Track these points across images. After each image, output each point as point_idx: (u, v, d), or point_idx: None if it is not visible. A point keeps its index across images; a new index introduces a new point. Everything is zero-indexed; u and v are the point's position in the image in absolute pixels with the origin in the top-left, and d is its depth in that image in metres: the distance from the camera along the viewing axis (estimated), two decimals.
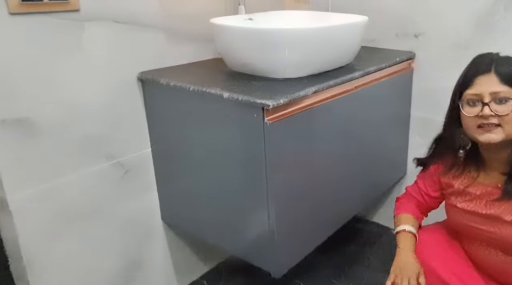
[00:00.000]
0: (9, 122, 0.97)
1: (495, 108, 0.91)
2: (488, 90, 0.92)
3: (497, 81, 0.92)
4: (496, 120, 0.91)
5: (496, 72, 0.92)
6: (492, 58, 0.96)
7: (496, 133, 0.92)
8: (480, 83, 0.93)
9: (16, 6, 0.94)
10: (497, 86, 0.91)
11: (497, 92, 0.91)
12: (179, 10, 1.27)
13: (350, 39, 1.24)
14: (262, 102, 0.95)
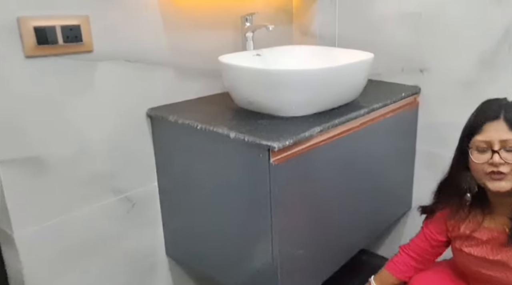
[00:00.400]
0: (19, 161, 1.00)
1: (505, 156, 0.91)
2: (497, 137, 0.92)
3: (506, 129, 0.92)
4: (506, 169, 0.92)
5: (505, 119, 0.93)
6: (501, 104, 0.97)
7: (506, 181, 0.93)
8: (489, 130, 0.94)
9: (32, 49, 0.98)
10: (506, 133, 0.92)
11: (507, 140, 0.91)
12: (188, 47, 1.31)
13: (356, 78, 1.26)
14: (267, 143, 0.97)
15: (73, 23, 1.03)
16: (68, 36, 1.02)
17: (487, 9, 1.31)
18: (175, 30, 1.26)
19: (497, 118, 0.94)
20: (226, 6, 1.39)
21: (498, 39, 1.32)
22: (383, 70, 1.59)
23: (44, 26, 0.98)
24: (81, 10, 1.05)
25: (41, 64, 1.00)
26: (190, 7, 1.30)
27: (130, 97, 1.18)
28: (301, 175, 1.09)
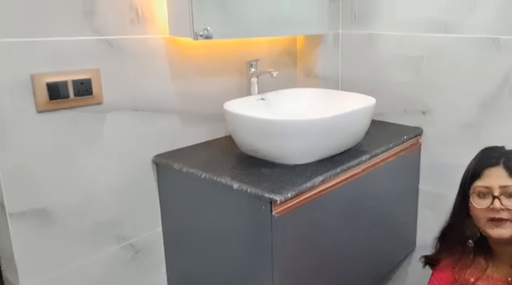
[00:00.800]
0: (27, 213, 1.03)
1: (505, 203, 0.93)
2: (497, 183, 0.94)
3: (506, 175, 0.94)
4: (506, 215, 0.93)
5: (505, 165, 0.95)
6: (501, 151, 0.99)
7: (506, 228, 0.94)
8: (490, 176, 0.96)
9: (44, 104, 1.02)
10: (506, 180, 0.94)
11: (507, 186, 0.93)
12: (194, 93, 1.35)
13: (358, 124, 1.28)
14: (270, 196, 0.99)
15: (84, 77, 1.08)
16: (79, 90, 1.07)
17: (487, 55, 1.34)
18: (182, 78, 1.31)
19: (497, 164, 0.96)
20: (232, 52, 1.44)
21: (498, 84, 1.34)
22: (386, 110, 1.61)
23: (57, 82, 1.02)
24: (92, 64, 1.10)
25: (52, 118, 1.04)
26: (196, 54, 1.34)
27: (136, 145, 1.22)
28: (304, 225, 1.10)
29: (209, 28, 1.18)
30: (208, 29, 1.18)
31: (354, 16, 1.63)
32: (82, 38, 1.07)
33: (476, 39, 1.35)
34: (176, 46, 1.27)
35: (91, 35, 1.08)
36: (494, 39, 1.32)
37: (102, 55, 1.11)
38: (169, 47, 1.26)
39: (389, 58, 1.56)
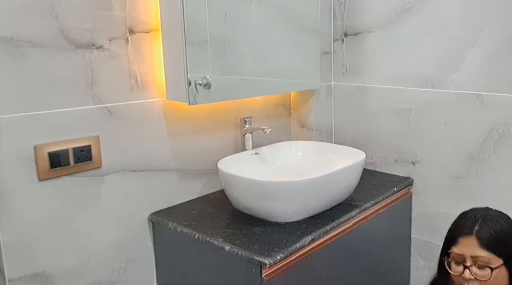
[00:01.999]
0: (26, 278, 1.07)
1: (475, 272, 0.96)
2: (469, 253, 0.97)
3: (477, 246, 0.97)
4: (476, 284, 0.96)
5: (477, 236, 0.98)
6: (476, 218, 1.01)
7: None
8: (463, 244, 0.99)
9: (46, 173, 1.08)
10: (477, 250, 0.97)
11: (477, 256, 0.96)
12: (190, 151, 1.40)
13: (349, 179, 1.33)
14: (259, 259, 1.03)
15: (84, 144, 1.14)
16: (79, 157, 1.13)
17: (471, 110, 1.40)
18: (178, 137, 1.37)
19: (470, 234, 0.99)
20: (227, 109, 1.50)
21: (484, 138, 1.39)
22: (377, 159, 1.66)
23: (58, 151, 1.09)
24: (92, 132, 1.16)
25: (53, 185, 1.09)
26: (192, 113, 1.40)
27: (133, 205, 1.27)
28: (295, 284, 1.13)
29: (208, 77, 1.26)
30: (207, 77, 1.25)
31: (345, 69, 1.70)
32: (84, 108, 1.13)
33: (461, 94, 1.41)
34: (173, 107, 1.33)
35: (92, 104, 1.15)
36: (478, 95, 1.38)
37: (102, 122, 1.18)
38: (166, 109, 1.32)
39: (379, 110, 1.62)
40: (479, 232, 0.98)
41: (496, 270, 0.96)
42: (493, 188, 1.38)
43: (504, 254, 0.97)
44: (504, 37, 1.31)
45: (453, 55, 1.41)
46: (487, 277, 0.95)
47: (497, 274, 0.96)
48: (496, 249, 0.96)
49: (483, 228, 0.99)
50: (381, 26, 1.56)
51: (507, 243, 0.98)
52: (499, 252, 0.96)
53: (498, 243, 0.97)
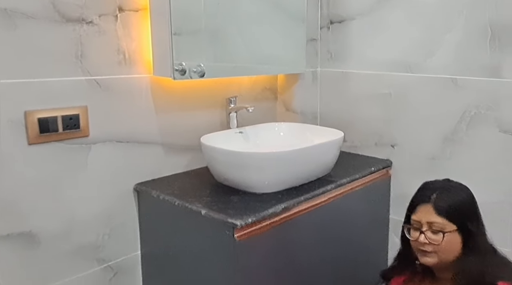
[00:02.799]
0: (13, 236, 1.14)
1: (430, 236, 1.03)
2: (426, 219, 1.04)
3: (433, 212, 1.04)
4: (430, 248, 1.03)
5: (433, 203, 1.04)
6: (435, 188, 1.08)
7: (431, 257, 1.05)
8: (421, 211, 1.06)
9: (35, 138, 1.15)
10: (433, 216, 1.03)
11: (433, 222, 1.03)
12: (177, 126, 1.47)
13: (325, 156, 1.39)
14: (232, 221, 1.09)
15: (73, 113, 1.21)
16: (68, 124, 1.20)
17: (446, 93, 1.45)
18: (165, 113, 1.44)
19: (428, 201, 1.05)
20: (213, 89, 1.57)
21: (457, 120, 1.45)
22: (359, 143, 1.72)
23: (47, 117, 1.16)
24: (81, 102, 1.23)
25: (42, 150, 1.17)
26: (180, 91, 1.47)
27: (119, 174, 1.34)
28: (267, 250, 1.19)
29: (202, 65, 1.33)
30: (201, 65, 1.32)
31: (330, 55, 1.76)
32: (73, 79, 1.21)
33: (437, 78, 1.47)
34: (160, 84, 1.40)
35: (81, 75, 1.22)
36: (452, 79, 1.44)
37: (91, 93, 1.25)
38: (153, 85, 1.39)
39: (361, 95, 1.68)
40: (435, 200, 1.05)
41: (448, 234, 1.02)
42: (465, 167, 1.44)
43: (457, 221, 1.03)
44: (477, 23, 1.36)
45: (430, 40, 1.47)
46: (439, 241, 1.02)
47: (449, 238, 1.02)
48: (450, 216, 1.03)
49: (439, 197, 1.05)
50: (363, 14, 1.62)
51: (461, 211, 1.04)
52: (453, 219, 1.03)
53: (453, 210, 1.04)
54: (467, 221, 1.04)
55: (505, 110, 1.34)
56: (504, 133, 1.35)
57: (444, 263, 1.05)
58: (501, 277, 1.01)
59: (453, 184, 1.10)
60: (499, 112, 1.35)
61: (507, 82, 1.32)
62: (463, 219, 1.04)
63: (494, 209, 1.39)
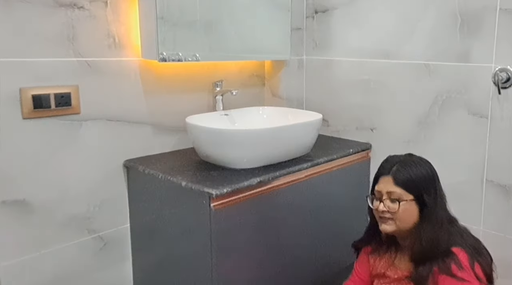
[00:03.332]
0: (8, 202, 1.24)
1: (388, 205, 1.11)
2: (385, 189, 1.12)
3: (392, 183, 1.11)
4: (388, 215, 1.11)
5: (393, 175, 1.12)
6: (395, 161, 1.15)
7: (389, 225, 1.13)
8: (382, 182, 1.14)
9: (29, 112, 1.24)
10: (391, 187, 1.11)
11: (391, 192, 1.11)
12: (165, 108, 1.56)
13: (302, 136, 1.47)
14: (208, 191, 1.18)
15: (65, 91, 1.31)
16: (60, 102, 1.29)
17: (420, 78, 1.53)
18: (153, 94, 1.53)
19: (388, 173, 1.13)
20: (201, 74, 1.65)
21: (430, 104, 1.52)
22: (342, 128, 1.80)
23: (40, 94, 1.25)
24: (72, 81, 1.32)
25: (35, 124, 1.26)
26: (168, 74, 1.56)
27: (109, 150, 1.43)
28: (243, 220, 1.28)
29: (198, 55, 1.45)
30: (196, 55, 1.43)
31: (315, 44, 1.84)
32: (65, 59, 1.30)
33: (412, 64, 1.54)
34: (148, 67, 1.49)
35: (73, 57, 1.31)
36: (426, 65, 1.51)
37: (82, 73, 1.34)
38: (142, 68, 1.48)
39: (344, 81, 1.76)
40: (395, 172, 1.12)
41: (404, 203, 1.10)
42: (438, 149, 1.51)
43: (414, 192, 1.11)
44: (447, 10, 1.43)
45: (405, 28, 1.54)
46: (396, 208, 1.09)
47: (405, 207, 1.10)
48: (407, 186, 1.10)
49: (398, 169, 1.13)
50: (345, 3, 1.70)
51: (418, 183, 1.11)
52: (409, 190, 1.10)
53: (410, 182, 1.11)
54: (423, 192, 1.11)
55: (473, 94, 1.41)
56: (473, 115, 1.42)
57: (403, 231, 1.13)
58: (456, 243, 1.08)
59: (413, 159, 1.17)
60: (467, 96, 1.42)
61: (475, 67, 1.39)
62: (420, 190, 1.11)
63: (466, 188, 1.47)
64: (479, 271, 1.05)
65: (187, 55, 1.48)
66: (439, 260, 1.06)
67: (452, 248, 1.07)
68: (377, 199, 1.15)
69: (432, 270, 1.06)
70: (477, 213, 1.47)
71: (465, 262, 1.05)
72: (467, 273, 1.03)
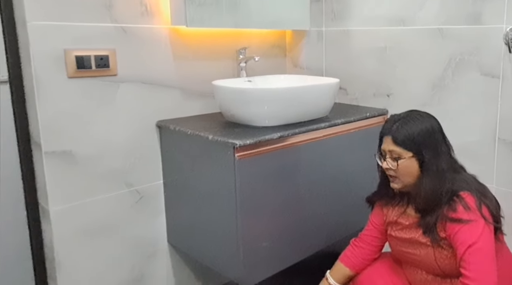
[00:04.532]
0: (57, 152, 1.39)
1: (390, 163, 1.20)
2: (387, 148, 1.20)
3: (392, 142, 1.19)
4: (392, 172, 1.20)
5: (392, 134, 1.20)
6: (396, 120, 1.22)
7: (396, 182, 1.22)
8: (385, 142, 1.22)
9: (73, 72, 1.38)
10: (391, 146, 1.19)
11: (392, 150, 1.19)
12: (193, 74, 1.68)
13: (320, 97, 1.57)
14: (232, 142, 1.29)
15: (103, 54, 1.44)
16: (99, 63, 1.43)
17: (434, 43, 1.59)
18: (182, 60, 1.65)
19: (388, 133, 1.21)
20: (225, 42, 1.77)
21: (444, 66, 1.58)
22: (359, 95, 1.88)
23: (82, 56, 1.39)
24: (110, 45, 1.46)
25: (79, 83, 1.40)
26: (195, 42, 1.68)
27: (143, 111, 1.56)
28: (264, 172, 1.39)
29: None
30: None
31: (334, 15, 1.92)
32: (103, 25, 1.43)
33: (426, 29, 1.61)
34: (177, 34, 1.62)
35: (109, 22, 1.45)
36: (439, 29, 1.57)
37: (118, 38, 1.47)
38: (171, 35, 1.60)
39: (361, 50, 1.84)
40: (394, 132, 1.19)
41: (402, 160, 1.17)
42: (452, 111, 1.58)
43: (412, 148, 1.17)
44: None
45: None
46: (396, 166, 1.18)
47: (404, 164, 1.17)
48: (405, 144, 1.17)
49: (397, 129, 1.19)
50: None
51: (416, 139, 1.17)
52: (408, 147, 1.17)
53: (408, 140, 1.17)
54: (422, 148, 1.17)
55: (485, 55, 1.47)
56: (485, 76, 1.48)
57: (409, 186, 1.21)
58: (463, 188, 1.16)
59: (413, 115, 1.22)
60: (479, 57, 1.49)
61: (487, 28, 1.45)
62: (418, 147, 1.17)
63: (479, 147, 1.54)
64: (486, 212, 1.13)
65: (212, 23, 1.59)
66: (445, 206, 1.14)
67: (459, 193, 1.15)
68: (382, 157, 1.23)
69: (439, 217, 1.15)
70: (490, 171, 1.53)
71: (472, 204, 1.12)
72: (474, 214, 1.11)
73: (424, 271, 1.23)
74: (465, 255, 1.08)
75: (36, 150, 1.41)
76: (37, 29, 1.30)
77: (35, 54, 1.31)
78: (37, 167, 1.43)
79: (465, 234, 1.09)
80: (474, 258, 1.07)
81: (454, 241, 1.11)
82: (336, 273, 1.40)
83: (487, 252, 1.08)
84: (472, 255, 1.07)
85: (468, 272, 1.06)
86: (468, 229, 1.09)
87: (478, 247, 1.07)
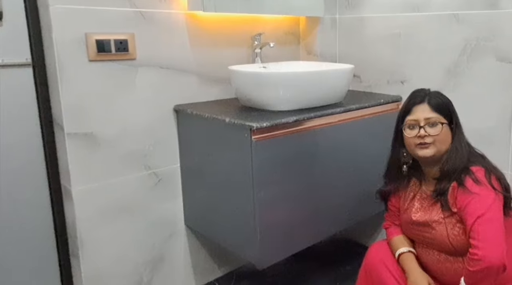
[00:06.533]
0: (79, 134, 1.42)
1: (428, 130, 1.22)
2: (422, 116, 1.22)
3: (429, 109, 1.22)
4: (430, 140, 1.22)
5: (428, 102, 1.23)
6: (426, 92, 1.26)
7: (430, 148, 1.22)
8: (417, 111, 1.24)
9: (94, 55, 1.42)
10: (429, 113, 1.22)
11: (429, 117, 1.22)
12: (209, 59, 1.71)
13: (335, 82, 1.58)
14: (249, 124, 1.32)
15: (123, 38, 1.47)
16: (119, 47, 1.46)
17: (449, 28, 1.60)
18: (198, 46, 1.67)
19: (423, 102, 1.24)
20: (240, 27, 1.79)
21: (459, 52, 1.59)
22: (373, 82, 1.89)
23: (103, 39, 1.42)
24: (129, 29, 1.48)
25: (99, 66, 1.43)
26: (211, 28, 1.70)
27: (161, 95, 1.59)
28: (279, 154, 1.41)
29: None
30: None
31: (348, 2, 1.93)
32: (122, 9, 1.46)
33: (441, 15, 1.61)
34: (194, 20, 1.64)
35: (129, 7, 1.47)
36: (455, 15, 1.58)
37: (137, 23, 1.50)
38: (188, 21, 1.63)
39: (375, 37, 1.85)
40: (430, 100, 1.24)
41: (445, 125, 1.21)
42: (467, 97, 1.59)
43: (448, 116, 1.23)
44: None
45: None
46: (438, 131, 1.20)
47: (444, 130, 1.21)
48: (442, 111, 1.22)
49: (432, 97, 1.24)
50: None
51: (450, 109, 1.24)
52: (445, 114, 1.22)
53: (444, 107, 1.23)
54: (453, 117, 1.24)
55: (501, 40, 1.48)
56: (501, 61, 1.49)
57: (439, 154, 1.22)
58: (476, 162, 1.20)
59: (438, 91, 1.28)
60: (495, 42, 1.49)
61: (503, 13, 1.45)
62: (452, 116, 1.23)
63: (494, 133, 1.55)
64: (495, 182, 1.17)
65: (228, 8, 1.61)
66: (459, 176, 1.18)
67: (470, 167, 1.18)
68: (412, 128, 1.25)
69: (451, 184, 1.18)
70: (505, 157, 1.54)
71: (481, 177, 1.16)
72: (483, 187, 1.14)
73: (436, 251, 1.25)
74: (474, 226, 1.10)
75: (58, 132, 1.45)
76: (60, 12, 1.33)
77: (58, 37, 1.34)
78: (59, 148, 1.47)
79: (474, 205, 1.12)
80: (483, 228, 1.09)
81: (464, 213, 1.14)
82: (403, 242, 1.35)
83: (496, 222, 1.10)
84: (481, 225, 1.10)
85: (477, 242, 1.09)
86: (478, 200, 1.13)
87: (487, 217, 1.10)
